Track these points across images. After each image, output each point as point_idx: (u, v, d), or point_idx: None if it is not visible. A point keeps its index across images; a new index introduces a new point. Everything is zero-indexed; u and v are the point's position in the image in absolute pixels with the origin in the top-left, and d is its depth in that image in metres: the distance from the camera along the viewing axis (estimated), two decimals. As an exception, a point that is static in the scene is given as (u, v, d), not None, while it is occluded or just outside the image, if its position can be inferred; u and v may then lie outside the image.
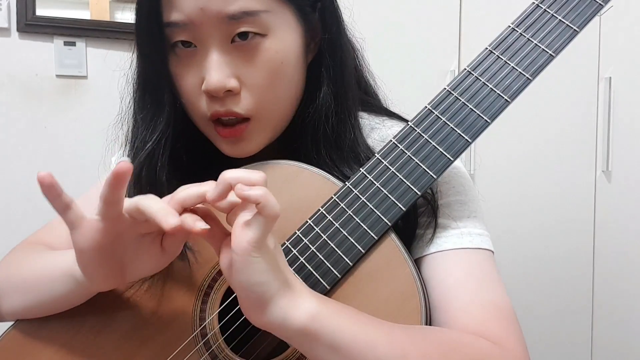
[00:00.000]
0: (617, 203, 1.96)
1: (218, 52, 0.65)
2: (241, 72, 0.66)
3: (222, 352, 0.64)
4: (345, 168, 0.70)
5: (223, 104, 0.67)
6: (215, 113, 0.67)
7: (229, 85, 0.65)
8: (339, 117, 0.71)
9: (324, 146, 0.71)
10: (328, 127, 0.71)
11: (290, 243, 0.65)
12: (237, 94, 0.67)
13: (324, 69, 0.72)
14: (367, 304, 0.61)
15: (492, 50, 0.65)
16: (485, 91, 0.64)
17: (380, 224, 0.63)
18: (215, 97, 0.66)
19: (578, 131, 1.95)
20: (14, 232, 0.84)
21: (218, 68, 0.65)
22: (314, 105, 0.71)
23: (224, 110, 0.67)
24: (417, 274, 0.62)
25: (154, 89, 0.70)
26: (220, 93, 0.66)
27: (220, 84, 0.65)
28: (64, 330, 0.67)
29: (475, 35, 1.87)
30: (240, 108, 0.67)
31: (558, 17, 0.64)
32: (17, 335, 0.69)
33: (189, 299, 0.66)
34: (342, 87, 0.72)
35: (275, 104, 0.69)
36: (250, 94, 0.67)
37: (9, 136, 1.71)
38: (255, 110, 0.68)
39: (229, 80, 0.65)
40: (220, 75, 0.65)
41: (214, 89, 0.65)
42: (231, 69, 0.66)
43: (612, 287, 1.97)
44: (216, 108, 0.67)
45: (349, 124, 0.72)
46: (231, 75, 0.66)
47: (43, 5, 1.71)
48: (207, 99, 0.67)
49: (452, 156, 0.64)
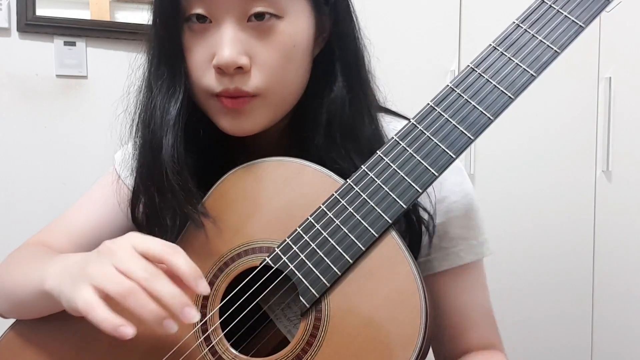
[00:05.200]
0: (617, 203, 1.96)
1: (232, 28, 0.66)
2: (253, 51, 0.67)
3: (222, 347, 0.64)
4: (358, 159, 0.70)
5: (232, 81, 0.67)
6: (224, 90, 0.67)
7: (240, 62, 0.66)
8: (355, 109, 0.72)
9: (339, 136, 0.71)
10: (344, 118, 0.71)
11: (291, 240, 0.65)
12: (247, 72, 0.67)
13: (337, 62, 0.72)
14: (367, 301, 0.61)
15: (496, 47, 0.65)
16: (488, 88, 0.64)
17: (381, 222, 0.63)
18: (224, 73, 0.67)
19: (578, 131, 1.95)
20: (14, 232, 0.84)
21: (231, 44, 0.65)
22: (328, 98, 0.72)
23: (233, 88, 0.67)
24: (418, 273, 0.61)
25: (170, 60, 0.70)
26: (230, 69, 0.66)
27: (232, 59, 0.65)
28: (64, 327, 0.68)
29: (475, 35, 1.87)
30: (248, 86, 0.67)
31: (563, 13, 0.64)
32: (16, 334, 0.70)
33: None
34: (358, 81, 0.73)
35: (282, 86, 0.69)
36: (259, 72, 0.67)
37: (9, 136, 1.71)
38: (262, 89, 0.68)
39: (241, 57, 0.66)
40: (233, 51, 0.65)
41: (225, 63, 0.65)
42: (244, 47, 0.66)
43: (612, 287, 1.97)
44: (225, 85, 0.67)
45: (366, 117, 0.73)
46: (243, 52, 0.66)
47: (43, 5, 1.72)
48: (216, 74, 0.67)
49: (455, 154, 0.63)
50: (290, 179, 0.68)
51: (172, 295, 0.55)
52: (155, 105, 0.70)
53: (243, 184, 0.69)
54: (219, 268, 0.66)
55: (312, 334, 0.62)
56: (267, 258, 0.65)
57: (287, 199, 0.67)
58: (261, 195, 0.68)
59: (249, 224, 0.68)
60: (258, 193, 0.69)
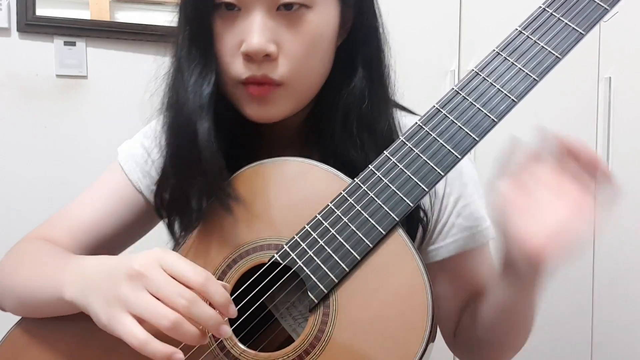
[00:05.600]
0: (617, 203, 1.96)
1: (262, 16, 0.67)
2: (281, 39, 0.68)
3: (231, 343, 0.65)
4: (372, 153, 0.70)
5: (259, 68, 0.68)
6: (251, 77, 0.68)
7: (269, 49, 0.67)
8: (373, 103, 0.73)
9: (356, 127, 0.72)
10: (362, 110, 0.73)
11: (299, 237, 0.66)
12: (275, 59, 0.68)
13: (358, 54, 0.74)
14: (374, 297, 0.62)
15: (500, 52, 0.66)
16: (492, 92, 0.65)
17: (388, 219, 0.64)
18: (252, 60, 0.68)
19: (578, 131, 1.95)
20: (14, 232, 0.83)
21: (260, 31, 0.67)
22: (347, 89, 0.73)
23: (261, 75, 0.68)
24: (424, 269, 0.63)
25: (202, 44, 0.70)
26: (259, 56, 0.67)
27: (261, 47, 0.66)
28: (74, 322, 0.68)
29: (475, 36, 1.87)
30: (275, 74, 0.68)
31: (564, 21, 0.66)
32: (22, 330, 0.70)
33: None
34: (378, 75, 0.75)
35: (308, 76, 0.71)
36: (287, 61, 0.69)
37: (9, 136, 1.71)
38: (288, 77, 0.69)
39: (269, 44, 0.67)
40: (262, 38, 0.67)
41: (254, 51, 0.67)
42: (272, 35, 0.67)
43: (612, 287, 1.97)
44: (253, 71, 0.68)
45: (384, 112, 0.74)
46: (271, 40, 0.67)
47: (43, 5, 1.71)
48: (244, 61, 0.68)
49: (460, 154, 0.65)
50: (298, 178, 0.69)
51: (210, 317, 0.57)
52: (187, 88, 0.71)
53: (252, 183, 0.70)
54: (228, 264, 0.67)
55: (320, 329, 0.63)
56: (275, 254, 0.66)
57: (296, 198, 0.68)
58: (269, 194, 0.69)
59: (258, 221, 0.68)
60: (267, 192, 0.70)
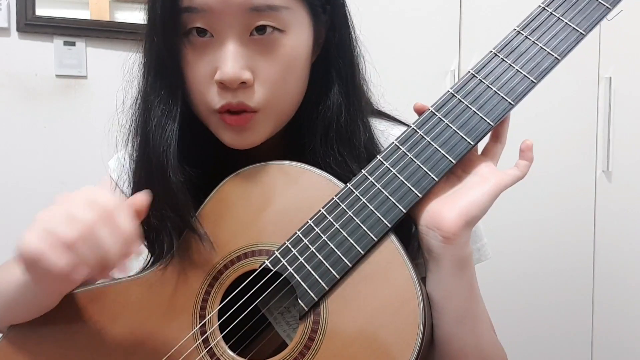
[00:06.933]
0: (617, 203, 1.96)
1: (235, 43, 0.65)
2: (256, 66, 0.66)
3: (220, 350, 0.64)
4: (354, 165, 0.70)
5: (235, 96, 0.66)
6: (226, 105, 0.67)
7: (244, 77, 0.65)
8: (350, 116, 0.72)
9: (335, 142, 0.71)
10: (340, 124, 0.71)
11: (290, 243, 0.65)
12: (250, 86, 0.66)
13: (333, 69, 0.72)
14: (365, 305, 0.61)
15: (497, 53, 0.65)
16: (489, 94, 0.64)
17: (380, 226, 0.63)
18: (227, 88, 0.66)
19: (578, 131, 1.95)
20: (14, 232, 0.83)
21: (234, 59, 0.65)
22: (324, 104, 0.72)
23: (236, 103, 0.66)
24: (417, 277, 0.61)
25: (167, 74, 0.69)
26: (234, 84, 0.65)
27: (236, 75, 0.65)
28: (61, 332, 0.67)
29: (475, 35, 1.87)
30: (252, 101, 0.67)
31: (564, 21, 0.64)
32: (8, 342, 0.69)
33: (190, 297, 0.66)
34: (353, 88, 0.73)
35: (284, 99, 0.69)
36: (263, 87, 0.67)
37: (9, 136, 1.71)
38: (265, 103, 0.68)
39: (244, 72, 0.65)
40: (236, 66, 0.65)
41: (229, 79, 0.65)
42: (246, 62, 0.66)
43: (612, 287, 1.97)
44: (228, 99, 0.66)
45: (361, 124, 0.73)
46: (246, 67, 0.66)
47: (43, 5, 1.72)
48: (219, 89, 0.67)
49: (454, 159, 0.64)
50: (290, 183, 0.68)
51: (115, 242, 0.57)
52: (153, 122, 0.69)
53: (243, 187, 0.69)
54: (218, 270, 0.66)
55: (310, 337, 0.62)
56: (266, 261, 0.65)
57: (288, 203, 0.67)
58: (261, 199, 0.69)
59: (249, 227, 0.68)
60: (258, 196, 0.69)
